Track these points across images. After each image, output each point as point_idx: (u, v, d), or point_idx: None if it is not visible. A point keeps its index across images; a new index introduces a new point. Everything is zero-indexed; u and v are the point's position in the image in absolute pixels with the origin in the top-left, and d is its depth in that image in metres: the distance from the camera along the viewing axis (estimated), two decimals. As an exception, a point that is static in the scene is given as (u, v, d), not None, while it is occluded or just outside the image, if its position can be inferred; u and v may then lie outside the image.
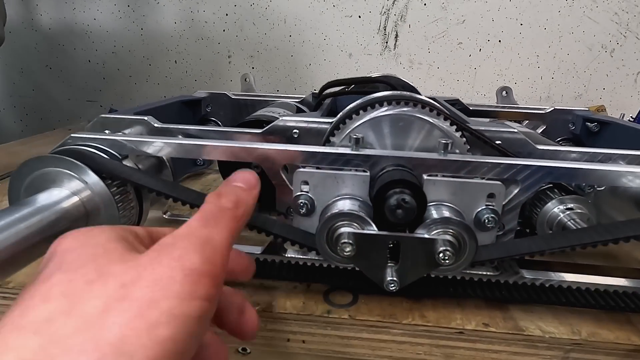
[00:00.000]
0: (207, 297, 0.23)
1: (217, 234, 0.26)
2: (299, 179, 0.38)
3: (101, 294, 0.21)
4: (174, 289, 0.22)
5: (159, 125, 0.47)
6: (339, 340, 0.40)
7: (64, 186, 0.37)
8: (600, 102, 1.36)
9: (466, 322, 0.39)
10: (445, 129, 0.40)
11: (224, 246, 0.26)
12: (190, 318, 0.22)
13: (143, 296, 0.21)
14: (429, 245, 0.35)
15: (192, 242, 0.25)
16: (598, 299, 0.38)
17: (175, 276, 0.22)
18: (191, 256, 0.24)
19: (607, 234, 0.35)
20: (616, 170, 0.37)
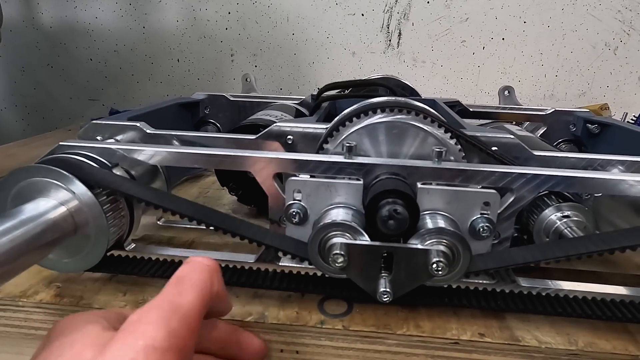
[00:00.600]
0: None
1: (189, 301, 0.26)
2: (291, 188, 0.38)
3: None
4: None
5: (152, 132, 0.46)
6: (333, 350, 0.40)
7: (51, 196, 0.37)
8: (604, 100, 1.35)
9: (462, 332, 0.39)
10: (440, 137, 0.39)
11: (194, 314, 0.26)
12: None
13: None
14: (422, 256, 0.35)
15: (158, 315, 0.25)
16: (595, 309, 0.38)
17: (136, 356, 0.22)
18: (155, 332, 0.24)
19: (603, 244, 0.34)
20: (613, 178, 0.36)
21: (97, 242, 0.39)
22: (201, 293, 0.27)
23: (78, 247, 0.39)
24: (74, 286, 0.43)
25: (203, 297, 0.27)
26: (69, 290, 0.43)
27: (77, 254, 0.40)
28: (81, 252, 0.40)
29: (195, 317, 0.26)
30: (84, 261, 0.40)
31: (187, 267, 0.29)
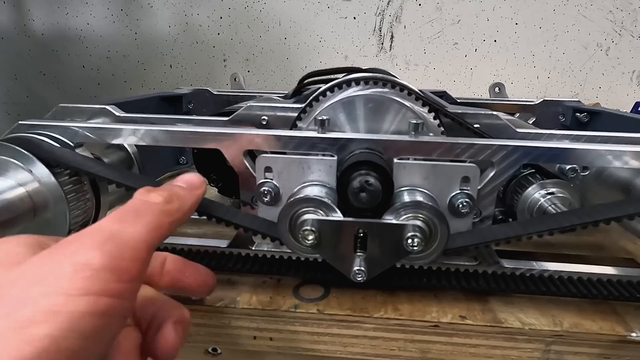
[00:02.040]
0: (107, 293, 0.21)
1: (132, 228, 0.24)
2: (262, 165, 0.36)
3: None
4: (59, 285, 0.20)
5: (122, 115, 0.45)
6: (307, 336, 0.38)
7: (8, 176, 0.35)
8: (596, 101, 1.34)
9: (442, 315, 0.37)
10: (418, 111, 0.38)
11: (138, 241, 0.24)
12: (80, 314, 0.20)
13: (18, 295, 0.20)
14: (397, 231, 0.33)
15: (93, 238, 0.23)
16: (580, 288, 0.36)
17: (62, 272, 0.21)
18: (87, 251, 0.22)
19: (587, 217, 0.32)
20: (597, 149, 0.35)
21: (58, 227, 0.37)
22: (148, 225, 0.25)
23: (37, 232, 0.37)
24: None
25: (150, 230, 0.25)
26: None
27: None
28: (43, 237, 0.38)
29: (139, 248, 0.24)
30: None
31: (135, 202, 0.27)
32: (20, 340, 0.18)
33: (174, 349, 0.27)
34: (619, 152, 0.34)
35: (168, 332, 0.27)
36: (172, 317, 0.28)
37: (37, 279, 0.20)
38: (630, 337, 0.35)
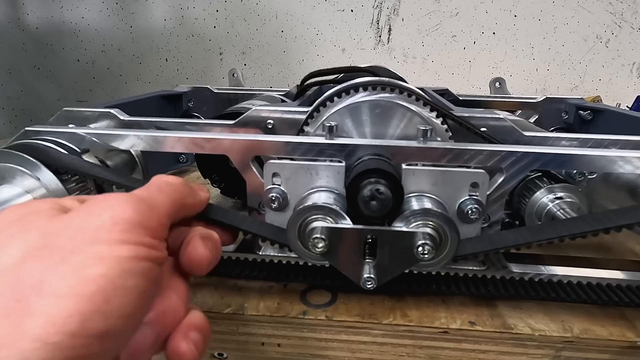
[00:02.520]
0: (142, 244, 0.23)
1: (157, 198, 0.27)
2: (269, 171, 0.36)
3: (20, 244, 0.21)
4: (100, 235, 0.22)
5: (127, 118, 0.44)
6: (316, 342, 0.38)
7: (16, 184, 0.35)
8: (596, 93, 1.34)
9: (451, 320, 0.37)
10: (426, 116, 0.37)
11: (163, 208, 0.27)
12: (123, 259, 0.22)
13: (65, 244, 0.21)
14: (407, 238, 0.33)
15: (126, 197, 0.25)
16: (590, 294, 0.36)
17: (102, 224, 0.22)
18: (123, 207, 0.24)
19: (597, 224, 0.32)
20: (606, 155, 0.34)
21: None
22: (169, 199, 0.28)
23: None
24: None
25: (170, 202, 0.28)
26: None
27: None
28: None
29: (163, 214, 0.26)
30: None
31: (156, 181, 0.29)
32: (80, 280, 0.20)
33: (203, 258, 0.28)
34: (628, 158, 0.34)
35: (196, 243, 0.28)
36: (199, 232, 0.29)
37: (80, 230, 0.22)
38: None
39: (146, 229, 0.24)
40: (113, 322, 0.20)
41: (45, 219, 0.23)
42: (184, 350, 0.26)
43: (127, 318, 0.21)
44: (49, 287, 0.20)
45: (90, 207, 0.24)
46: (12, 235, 0.22)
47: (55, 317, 0.19)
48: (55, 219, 0.23)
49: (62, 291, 0.20)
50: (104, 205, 0.24)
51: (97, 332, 0.20)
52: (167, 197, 0.28)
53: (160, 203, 0.27)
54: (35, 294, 0.19)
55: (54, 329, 0.19)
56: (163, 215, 0.26)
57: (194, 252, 0.28)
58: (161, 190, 0.28)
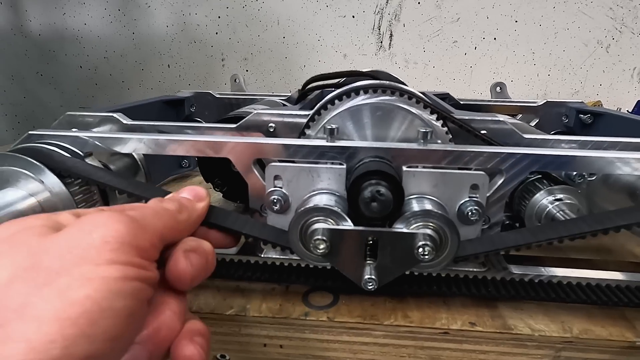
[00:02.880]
0: (131, 264, 0.23)
1: (151, 220, 0.27)
2: (271, 174, 0.36)
3: (8, 264, 0.21)
4: (89, 255, 0.22)
5: (130, 122, 0.45)
6: (318, 344, 0.38)
7: (19, 187, 0.35)
8: (597, 98, 1.34)
9: (452, 321, 0.37)
10: (426, 118, 0.38)
11: (155, 230, 0.26)
12: (111, 279, 0.22)
13: (52, 264, 0.21)
14: (408, 240, 0.33)
15: (119, 216, 0.24)
16: (590, 294, 0.36)
17: (92, 242, 0.22)
18: (115, 225, 0.23)
19: (597, 224, 0.33)
20: (605, 156, 0.35)
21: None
22: (163, 223, 0.28)
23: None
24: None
25: (164, 227, 0.28)
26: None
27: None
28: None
29: (155, 235, 0.26)
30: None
31: (152, 205, 0.29)
32: (65, 303, 0.20)
33: (183, 273, 0.28)
34: (628, 160, 0.35)
35: (177, 258, 0.28)
36: (184, 246, 0.29)
37: (69, 249, 0.22)
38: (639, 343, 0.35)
39: (137, 248, 0.24)
40: (99, 346, 0.20)
41: (36, 237, 0.23)
42: (192, 352, 0.26)
43: (114, 341, 0.21)
44: (32, 310, 0.19)
45: (82, 224, 0.24)
46: (1, 253, 0.22)
47: (36, 343, 0.19)
48: (46, 237, 0.23)
49: (45, 315, 0.19)
50: (96, 223, 0.23)
51: (81, 357, 0.19)
52: (161, 221, 0.27)
53: (153, 225, 0.26)
54: (18, 318, 0.19)
55: (34, 356, 0.18)
56: (155, 237, 0.26)
57: (174, 268, 0.28)
58: (156, 214, 0.28)
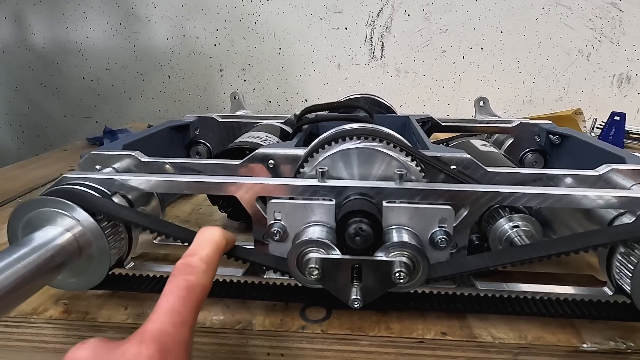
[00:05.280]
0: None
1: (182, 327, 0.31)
2: (272, 209, 0.43)
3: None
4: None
5: (146, 160, 0.51)
6: (313, 352, 0.45)
7: (57, 224, 0.41)
8: (579, 103, 1.41)
9: (427, 332, 0.44)
10: (402, 160, 0.44)
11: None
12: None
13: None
14: (386, 266, 0.39)
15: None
16: (542, 308, 0.43)
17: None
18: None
19: (543, 251, 0.39)
20: (554, 193, 0.41)
21: (100, 263, 0.43)
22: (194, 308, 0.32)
23: (83, 268, 0.44)
24: (80, 303, 0.48)
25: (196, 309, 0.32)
26: (75, 307, 0.47)
27: (82, 274, 0.44)
28: (86, 272, 0.44)
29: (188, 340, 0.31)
30: (88, 280, 0.45)
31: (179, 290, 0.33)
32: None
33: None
34: (571, 196, 0.41)
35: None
36: None
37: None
38: (582, 347, 0.42)
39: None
40: None
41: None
42: None
43: None
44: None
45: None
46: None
47: None
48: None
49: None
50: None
51: None
52: (193, 309, 0.32)
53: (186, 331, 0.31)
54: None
55: None
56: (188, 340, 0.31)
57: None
58: (187, 303, 0.32)
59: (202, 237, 0.38)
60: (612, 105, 1.41)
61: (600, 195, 0.42)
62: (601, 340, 0.42)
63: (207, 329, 0.45)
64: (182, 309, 0.31)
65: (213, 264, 0.36)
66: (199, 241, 0.37)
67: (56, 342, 0.47)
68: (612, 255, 0.41)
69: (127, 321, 0.45)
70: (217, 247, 0.37)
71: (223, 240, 0.38)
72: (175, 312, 0.31)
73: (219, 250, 0.38)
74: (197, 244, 0.37)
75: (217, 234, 0.38)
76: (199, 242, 0.37)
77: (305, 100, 1.56)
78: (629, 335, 0.43)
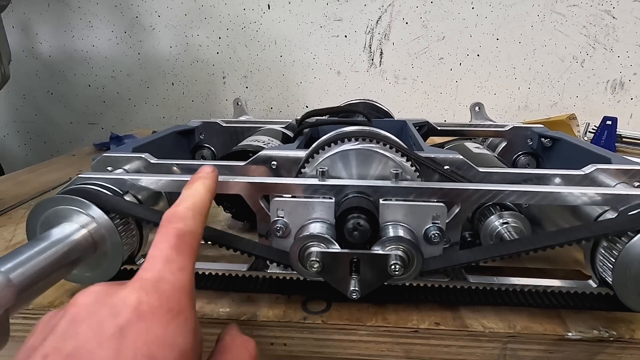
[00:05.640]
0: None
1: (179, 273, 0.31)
2: (275, 207, 0.45)
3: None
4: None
5: (155, 161, 0.54)
6: (314, 342, 0.47)
7: (73, 221, 0.44)
8: (574, 109, 1.44)
9: (421, 322, 0.46)
10: (398, 160, 0.47)
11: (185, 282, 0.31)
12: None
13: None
14: (383, 259, 0.42)
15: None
16: (529, 299, 0.46)
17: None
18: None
19: (530, 245, 0.42)
20: (540, 190, 0.44)
21: (113, 258, 0.46)
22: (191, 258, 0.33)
23: (97, 263, 0.46)
24: (94, 296, 0.51)
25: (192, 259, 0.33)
26: (89, 300, 0.50)
27: (97, 269, 0.47)
28: (100, 267, 0.47)
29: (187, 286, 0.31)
30: (102, 274, 0.47)
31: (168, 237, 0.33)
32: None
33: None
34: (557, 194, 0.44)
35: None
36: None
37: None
38: (567, 336, 0.44)
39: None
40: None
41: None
42: None
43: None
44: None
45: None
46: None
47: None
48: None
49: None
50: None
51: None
52: (190, 258, 0.32)
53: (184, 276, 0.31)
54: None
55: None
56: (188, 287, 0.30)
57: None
58: (180, 249, 0.32)
59: (188, 191, 0.38)
60: (605, 111, 1.45)
61: (584, 193, 0.44)
62: (585, 329, 0.45)
63: (215, 320, 0.47)
64: (177, 256, 0.31)
65: (202, 211, 0.36)
66: (185, 195, 0.37)
67: (71, 333, 0.49)
68: (596, 249, 0.44)
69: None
70: (204, 196, 0.37)
71: (210, 188, 0.39)
72: (170, 259, 0.31)
73: (206, 198, 0.38)
74: (183, 196, 0.37)
75: (202, 185, 0.38)
76: (185, 195, 0.37)
77: (306, 107, 1.59)
78: (612, 324, 0.45)
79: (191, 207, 0.35)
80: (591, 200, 0.44)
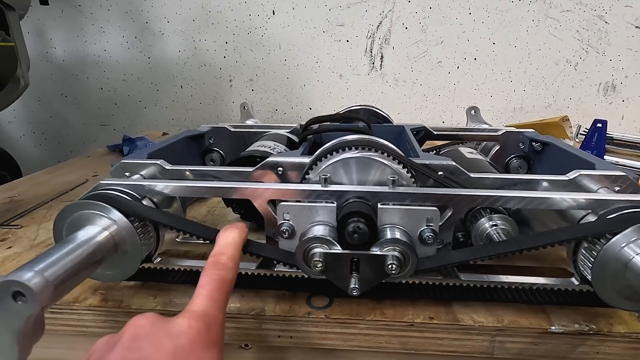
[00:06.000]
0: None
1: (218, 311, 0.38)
2: (281, 211, 0.49)
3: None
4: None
5: (169, 167, 0.58)
6: (318, 334, 0.52)
7: (96, 224, 0.48)
8: (568, 110, 1.48)
9: (416, 316, 0.50)
10: (395, 167, 0.51)
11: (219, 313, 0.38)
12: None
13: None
14: (380, 259, 0.46)
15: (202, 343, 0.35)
16: (516, 295, 0.50)
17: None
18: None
19: (516, 246, 0.46)
20: (526, 196, 0.48)
21: (132, 258, 0.50)
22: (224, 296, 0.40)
23: (118, 262, 0.50)
24: (115, 292, 0.55)
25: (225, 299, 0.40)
26: (111, 296, 0.54)
27: (117, 268, 0.51)
28: (120, 266, 0.51)
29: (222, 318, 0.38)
30: (122, 273, 0.51)
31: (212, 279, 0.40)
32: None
33: None
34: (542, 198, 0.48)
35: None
36: None
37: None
38: (551, 329, 0.48)
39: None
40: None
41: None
42: None
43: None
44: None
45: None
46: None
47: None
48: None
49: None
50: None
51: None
52: (222, 297, 0.39)
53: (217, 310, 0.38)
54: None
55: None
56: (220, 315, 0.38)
57: None
58: (221, 291, 0.39)
59: (226, 238, 0.45)
60: (598, 112, 1.48)
61: (566, 198, 0.48)
62: (567, 323, 0.49)
63: (226, 314, 0.51)
64: (218, 297, 0.38)
65: (237, 261, 0.44)
66: (224, 242, 0.45)
67: (95, 326, 0.54)
68: (577, 249, 0.47)
69: (157, 308, 0.52)
70: (239, 247, 0.45)
71: (242, 240, 0.46)
72: (213, 298, 0.38)
73: (239, 249, 0.45)
74: (222, 244, 0.45)
75: (237, 236, 0.46)
76: (224, 243, 0.45)
77: (309, 109, 1.63)
78: (592, 319, 0.50)
79: (232, 258, 0.43)
80: (573, 204, 0.48)
